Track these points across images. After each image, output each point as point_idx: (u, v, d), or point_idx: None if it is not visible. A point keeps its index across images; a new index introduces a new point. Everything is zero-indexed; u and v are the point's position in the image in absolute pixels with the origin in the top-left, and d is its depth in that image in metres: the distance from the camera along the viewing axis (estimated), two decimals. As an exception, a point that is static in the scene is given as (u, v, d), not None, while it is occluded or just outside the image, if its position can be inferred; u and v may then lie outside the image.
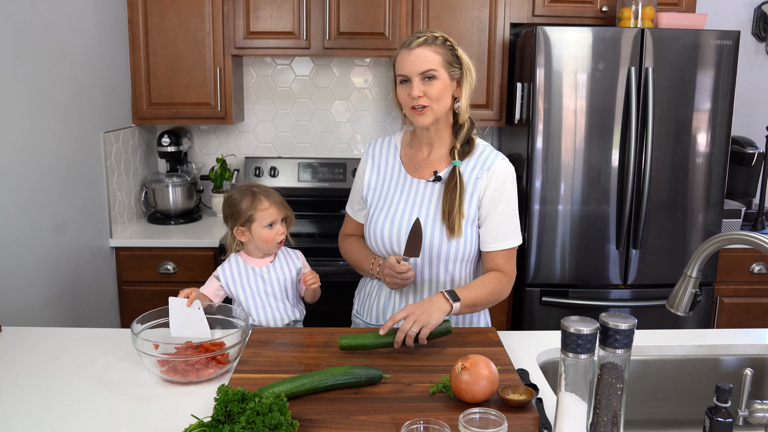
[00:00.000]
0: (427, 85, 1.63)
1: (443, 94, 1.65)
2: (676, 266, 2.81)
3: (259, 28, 2.96)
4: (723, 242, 1.27)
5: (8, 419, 1.26)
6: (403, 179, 1.77)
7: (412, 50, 1.63)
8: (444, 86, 1.64)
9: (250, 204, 1.83)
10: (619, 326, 1.08)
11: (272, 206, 1.84)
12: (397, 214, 1.73)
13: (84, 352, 1.57)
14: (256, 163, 3.30)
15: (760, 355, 1.69)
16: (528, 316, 2.84)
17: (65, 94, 2.41)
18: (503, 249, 1.71)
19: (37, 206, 2.23)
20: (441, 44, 1.64)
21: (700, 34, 2.67)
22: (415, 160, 1.77)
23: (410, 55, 1.63)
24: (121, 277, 2.86)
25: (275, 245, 1.85)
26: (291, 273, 1.89)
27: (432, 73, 1.62)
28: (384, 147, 1.83)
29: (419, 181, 1.74)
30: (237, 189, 1.89)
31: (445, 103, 1.66)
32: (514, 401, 1.28)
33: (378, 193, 1.79)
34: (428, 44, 1.63)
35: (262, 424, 1.10)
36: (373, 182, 1.80)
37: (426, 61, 1.62)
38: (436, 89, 1.63)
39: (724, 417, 1.16)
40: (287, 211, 1.88)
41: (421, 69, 1.62)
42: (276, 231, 1.84)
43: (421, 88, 1.62)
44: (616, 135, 2.71)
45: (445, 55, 1.64)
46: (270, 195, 1.86)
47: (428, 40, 1.63)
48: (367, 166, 1.83)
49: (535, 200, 2.75)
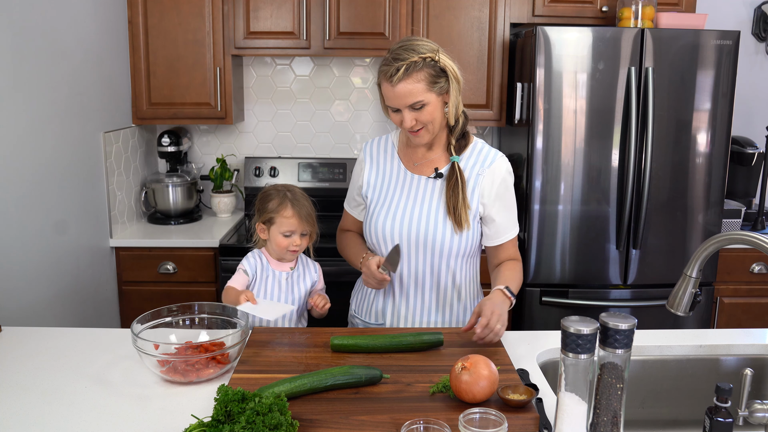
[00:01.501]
0: (418, 112, 1.62)
1: (435, 114, 1.64)
2: (676, 266, 2.81)
3: (259, 28, 2.96)
4: (723, 242, 1.27)
5: (8, 419, 1.26)
6: (403, 176, 1.77)
7: (395, 87, 1.58)
8: (434, 107, 1.63)
9: (276, 205, 1.82)
10: (619, 326, 1.08)
11: (294, 216, 1.81)
12: (398, 211, 1.73)
13: (84, 352, 1.57)
14: (256, 163, 3.30)
15: (760, 355, 1.69)
16: (528, 316, 2.84)
17: (65, 94, 2.41)
18: (513, 238, 1.79)
19: (37, 206, 2.23)
20: (422, 66, 1.58)
21: (700, 34, 2.67)
22: (413, 158, 1.78)
23: (394, 91, 1.59)
24: (121, 277, 2.86)
25: (288, 253, 1.84)
26: (306, 286, 1.89)
27: (421, 102, 1.60)
28: (381, 145, 1.84)
29: (420, 177, 1.75)
30: (275, 186, 1.88)
31: (439, 119, 1.66)
32: (514, 401, 1.28)
33: (378, 191, 1.79)
34: (409, 74, 1.57)
35: (262, 424, 1.10)
36: (373, 180, 1.81)
37: (411, 94, 1.59)
38: (426, 114, 1.62)
39: (724, 417, 1.16)
40: (310, 228, 1.85)
41: (408, 103, 1.60)
42: (291, 241, 1.82)
43: (412, 116, 1.62)
44: (616, 135, 2.71)
45: (428, 77, 1.59)
46: (299, 205, 1.83)
47: (408, 68, 1.57)
48: (366, 165, 1.83)
49: (535, 200, 2.75)
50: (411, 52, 1.59)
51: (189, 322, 1.64)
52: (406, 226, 1.71)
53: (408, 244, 1.72)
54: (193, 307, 1.65)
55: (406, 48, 1.60)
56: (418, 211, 1.71)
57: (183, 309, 1.63)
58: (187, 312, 1.63)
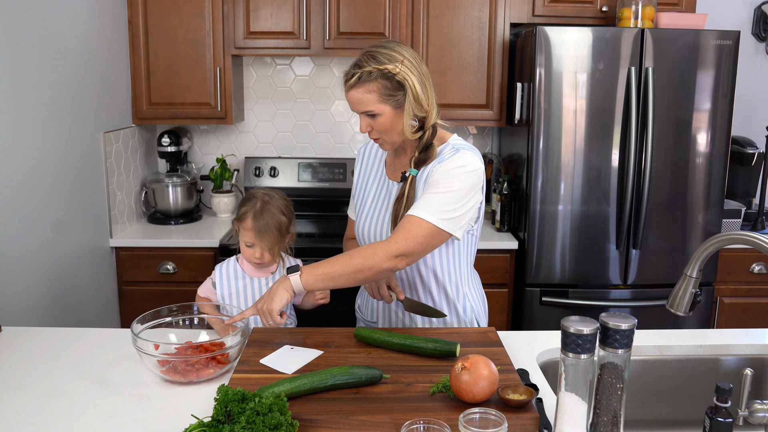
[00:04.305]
0: (372, 120, 1.60)
1: (390, 125, 1.60)
2: (676, 266, 2.81)
3: (259, 28, 2.96)
4: (723, 242, 1.27)
5: (8, 419, 1.26)
6: (382, 181, 1.79)
7: (347, 92, 1.59)
8: (388, 118, 1.59)
9: (243, 213, 1.82)
10: (619, 326, 1.08)
11: (252, 231, 1.79)
12: (372, 214, 1.76)
13: (84, 352, 1.57)
14: (256, 163, 3.30)
15: (760, 355, 1.69)
16: (528, 316, 2.84)
17: (65, 94, 2.41)
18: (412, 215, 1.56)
19: (37, 206, 2.23)
20: (375, 78, 1.55)
21: (700, 34, 2.67)
22: (393, 163, 1.78)
23: (348, 96, 1.60)
24: (121, 277, 2.86)
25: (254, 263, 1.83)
26: None
27: (371, 112, 1.59)
28: (374, 149, 1.85)
29: (392, 182, 1.76)
30: (256, 192, 1.86)
31: (396, 129, 1.61)
32: (514, 401, 1.28)
33: (363, 194, 1.81)
34: (361, 83, 1.55)
35: (262, 424, 1.10)
36: (360, 184, 1.83)
37: (362, 102, 1.58)
38: (380, 124, 1.60)
39: (724, 417, 1.16)
40: (269, 243, 1.78)
41: (360, 110, 1.60)
42: (252, 252, 1.80)
43: (367, 123, 1.61)
44: (616, 135, 2.71)
45: (382, 89, 1.56)
46: (260, 218, 1.78)
47: (362, 77, 1.55)
48: (358, 169, 1.86)
49: (535, 200, 2.75)
50: (371, 60, 1.56)
51: (189, 322, 1.64)
52: (378, 229, 1.73)
53: None
54: (193, 307, 1.65)
55: (370, 54, 1.58)
56: (384, 214, 1.73)
57: (183, 309, 1.63)
58: (187, 312, 1.64)
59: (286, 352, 1.54)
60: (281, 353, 1.53)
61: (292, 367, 1.46)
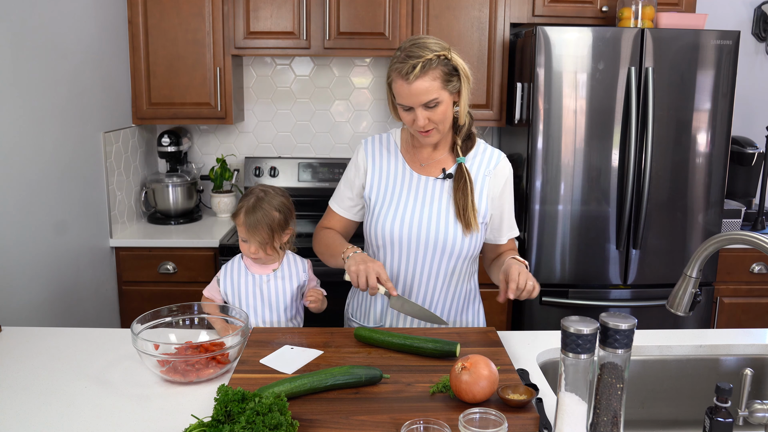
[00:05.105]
0: (431, 111, 1.59)
1: (447, 114, 1.62)
2: (676, 266, 2.81)
3: (259, 28, 2.96)
4: (723, 242, 1.27)
5: (8, 419, 1.26)
6: (409, 177, 1.74)
7: (410, 84, 1.55)
8: (447, 106, 1.61)
9: (238, 209, 1.83)
10: (619, 326, 1.08)
11: (244, 226, 1.79)
12: (407, 212, 1.70)
13: (84, 352, 1.57)
14: (256, 163, 3.30)
15: (760, 355, 1.69)
16: (528, 316, 2.84)
17: (65, 94, 2.41)
18: (513, 237, 1.84)
19: (37, 206, 2.23)
20: (437, 65, 1.56)
21: (700, 34, 2.67)
22: (419, 158, 1.75)
23: (409, 89, 1.56)
24: (121, 277, 2.86)
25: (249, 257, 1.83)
26: (292, 286, 1.84)
27: (436, 100, 1.58)
28: (384, 145, 1.79)
29: (428, 178, 1.73)
30: (254, 188, 1.86)
31: (449, 119, 1.65)
32: (514, 401, 1.28)
33: (383, 192, 1.74)
34: (425, 72, 1.55)
35: (262, 424, 1.10)
36: (376, 181, 1.75)
37: (427, 92, 1.56)
38: (440, 113, 1.60)
39: (724, 417, 1.16)
40: (260, 239, 1.77)
41: (423, 101, 1.57)
42: (247, 247, 1.80)
43: (425, 116, 1.59)
44: (616, 135, 2.71)
45: (443, 75, 1.57)
46: (251, 214, 1.78)
47: (425, 66, 1.54)
48: (368, 165, 1.77)
49: (535, 200, 2.75)
50: (425, 49, 1.56)
51: (189, 322, 1.64)
52: (415, 228, 1.69)
53: (417, 246, 1.69)
54: (193, 307, 1.65)
55: (419, 45, 1.57)
56: (427, 212, 1.69)
57: (183, 309, 1.63)
58: (187, 312, 1.64)
59: (286, 352, 1.54)
60: (281, 353, 1.53)
61: (292, 367, 1.46)
